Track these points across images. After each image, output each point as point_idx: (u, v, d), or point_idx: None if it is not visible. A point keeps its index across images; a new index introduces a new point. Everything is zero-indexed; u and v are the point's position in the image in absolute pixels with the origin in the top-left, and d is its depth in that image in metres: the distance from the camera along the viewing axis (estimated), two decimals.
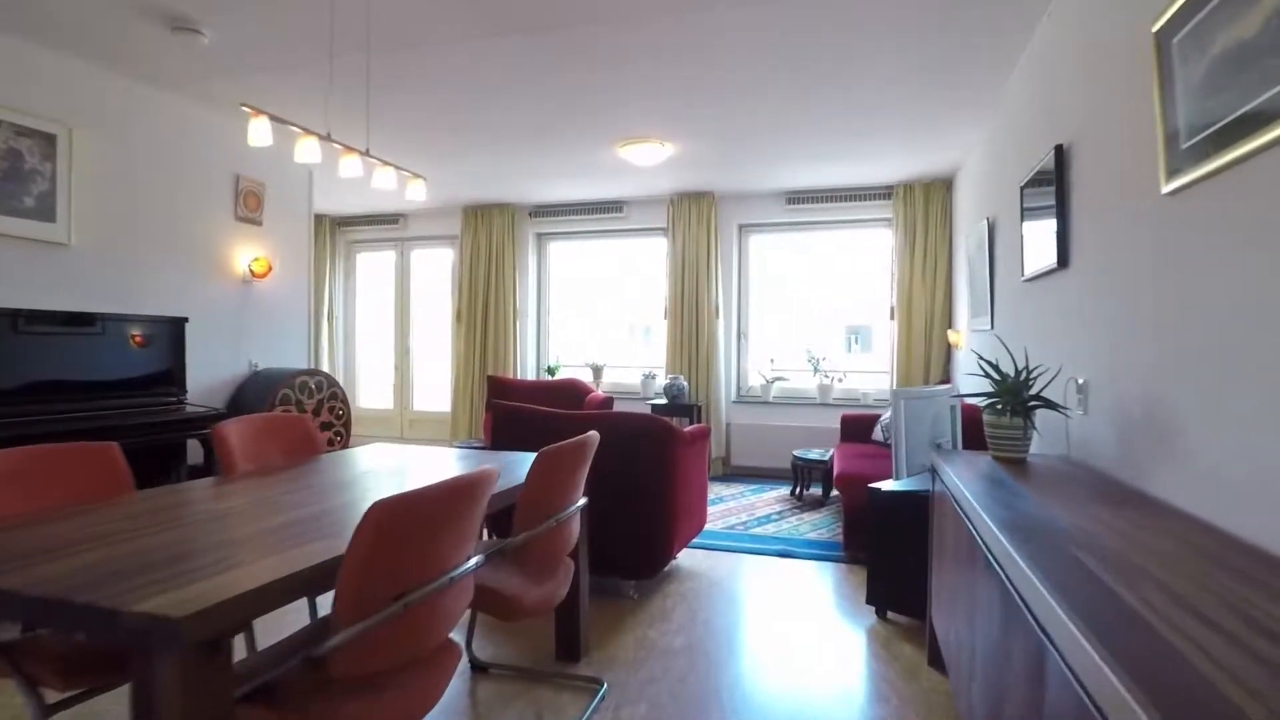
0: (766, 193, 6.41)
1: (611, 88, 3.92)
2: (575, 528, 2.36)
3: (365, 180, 6.20)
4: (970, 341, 4.86)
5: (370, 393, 8.11)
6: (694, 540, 4.19)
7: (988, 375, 2.35)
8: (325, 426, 4.85)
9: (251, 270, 4.60)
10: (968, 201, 5.06)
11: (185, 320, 4.06)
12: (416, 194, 3.65)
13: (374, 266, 8.07)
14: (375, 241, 7.92)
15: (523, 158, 5.40)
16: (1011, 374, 2.32)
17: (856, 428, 5.55)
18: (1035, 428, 2.27)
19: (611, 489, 3.31)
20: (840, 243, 6.60)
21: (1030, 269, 3.07)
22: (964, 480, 1.96)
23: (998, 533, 1.39)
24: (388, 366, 7.98)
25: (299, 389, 4.62)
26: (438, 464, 2.57)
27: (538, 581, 2.15)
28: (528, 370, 7.25)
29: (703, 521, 3.95)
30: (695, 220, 6.45)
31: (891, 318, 6.03)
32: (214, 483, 2.11)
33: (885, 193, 6.07)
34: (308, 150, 2.98)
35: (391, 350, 7.96)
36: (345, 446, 5.08)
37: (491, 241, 7.08)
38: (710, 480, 6.22)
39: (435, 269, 7.74)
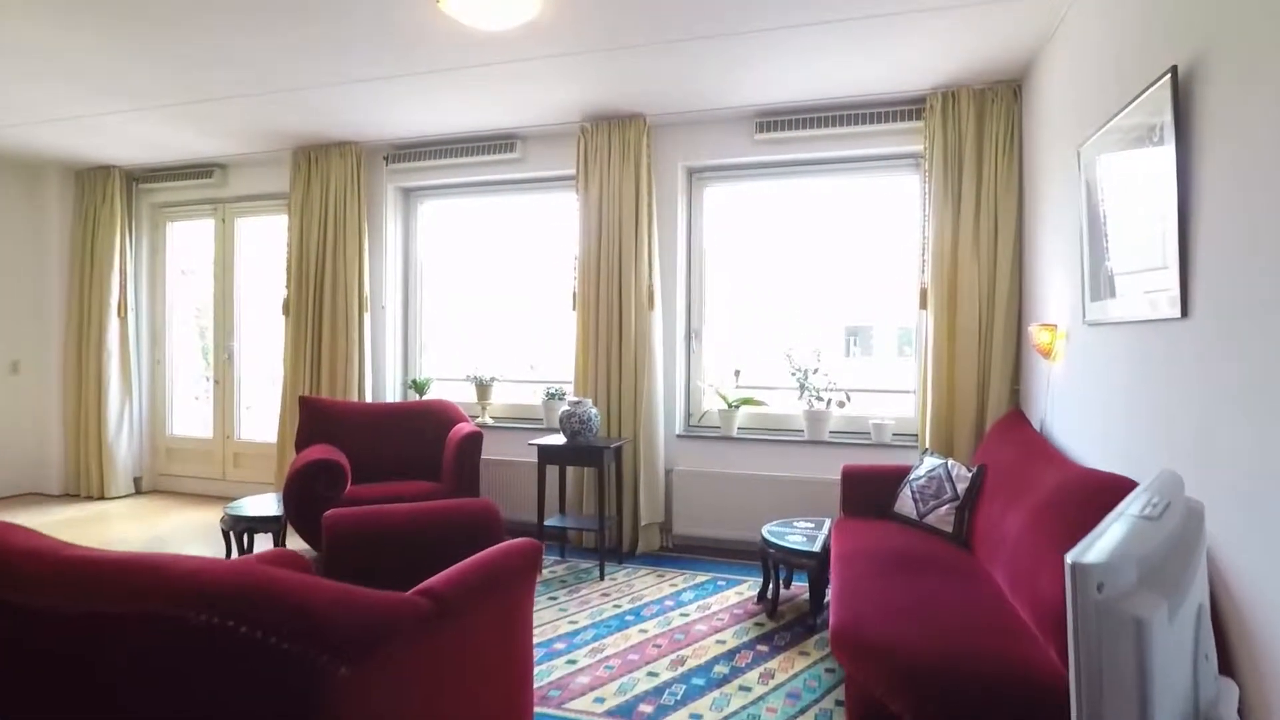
0: (726, 113, 4.15)
1: None
2: None
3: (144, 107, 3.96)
4: (1083, 345, 2.61)
5: (188, 416, 5.85)
6: None
7: None
8: None
9: None
10: (1068, 98, 2.81)
11: None
12: None
13: (191, 240, 5.80)
14: (187, 205, 5.65)
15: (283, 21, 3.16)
16: None
17: (867, 489, 3.31)
18: None
19: None
20: (841, 195, 4.35)
21: None
22: None
23: None
24: (208, 379, 5.71)
25: None
26: None
27: None
28: (385, 387, 4.98)
29: None
30: (618, 159, 4.20)
31: (922, 306, 3.77)
32: None
33: (912, 108, 3.81)
34: None
35: (212, 356, 5.70)
36: None
37: (330, 199, 4.82)
38: (634, 562, 3.95)
39: (268, 242, 5.47)
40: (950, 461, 3.06)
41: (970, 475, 2.92)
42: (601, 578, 3.68)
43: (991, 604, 2.13)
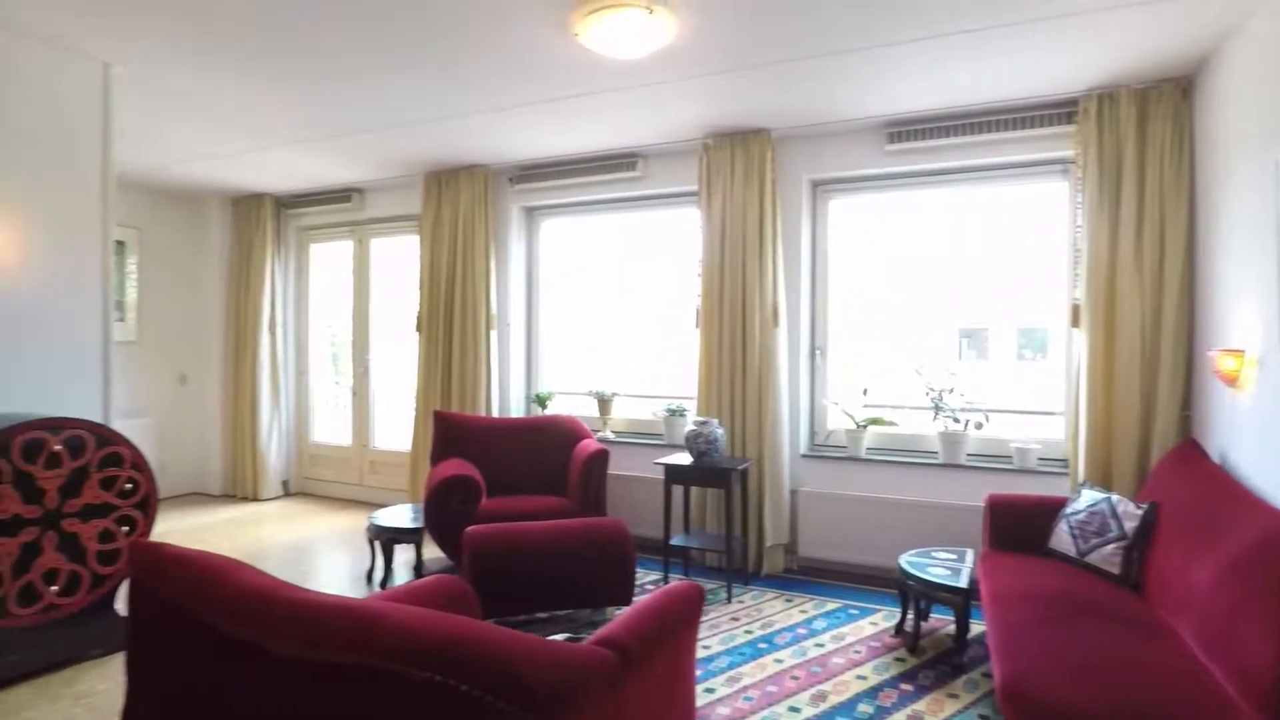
0: (854, 125, 4.03)
1: None
2: None
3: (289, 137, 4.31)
4: (1273, 373, 2.35)
5: (328, 424, 6.26)
6: None
7: None
8: (98, 512, 2.91)
9: None
10: (1264, 97, 2.54)
11: None
12: None
13: (330, 260, 6.21)
14: (329, 228, 6.05)
15: (436, 65, 3.31)
16: None
17: (1015, 521, 3.13)
18: None
19: None
20: (976, 203, 4.14)
21: None
22: None
23: None
24: (348, 390, 6.10)
25: (23, 454, 2.69)
26: None
27: None
28: (511, 401, 5.15)
29: None
30: (741, 174, 4.16)
31: (1074, 324, 3.52)
32: None
33: (1062, 111, 3.57)
34: None
35: (351, 369, 6.07)
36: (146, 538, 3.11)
37: (459, 220, 5.03)
38: (760, 584, 3.90)
39: (402, 261, 5.77)
40: (1114, 496, 2.83)
41: (1140, 513, 2.69)
42: (729, 600, 3.65)
43: (1182, 664, 1.95)
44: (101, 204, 3.27)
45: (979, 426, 3.89)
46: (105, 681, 2.74)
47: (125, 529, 3.03)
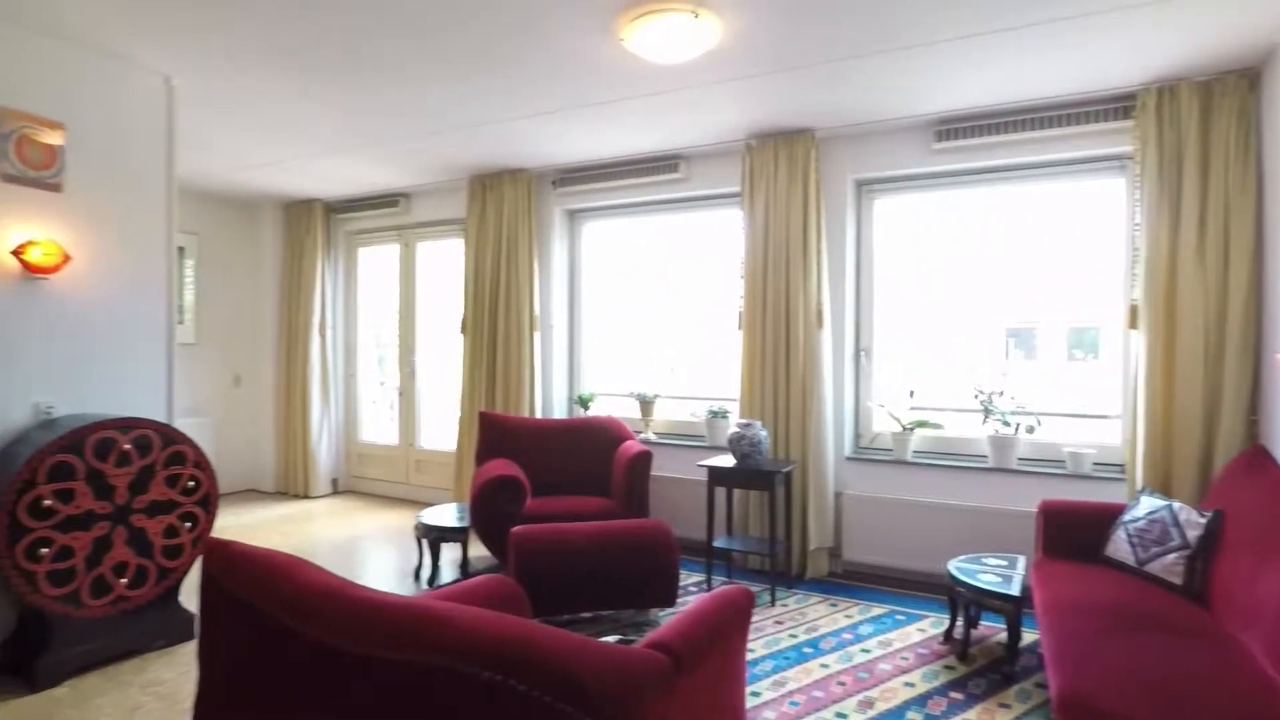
0: (901, 123, 3.97)
1: None
2: None
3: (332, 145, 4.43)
4: None
5: (375, 424, 6.40)
6: None
7: None
8: (163, 508, 3.03)
9: (25, 260, 2.84)
10: None
11: None
12: None
13: (379, 263, 6.35)
14: (376, 232, 6.19)
15: (481, 74, 3.36)
16: None
17: (1070, 528, 3.06)
18: None
19: None
20: (1026, 201, 4.05)
21: None
22: None
23: None
24: (394, 390, 6.22)
25: (95, 452, 2.81)
26: None
27: None
28: (553, 402, 5.20)
29: None
30: (785, 175, 4.13)
31: (1131, 325, 3.41)
32: None
33: (1119, 106, 3.46)
34: None
35: (397, 370, 6.20)
36: (204, 535, 3.23)
37: (503, 223, 5.10)
38: (804, 588, 3.87)
39: (447, 264, 5.87)
40: (1176, 504, 2.74)
41: (1204, 521, 2.60)
42: (773, 603, 3.63)
43: (1250, 678, 1.88)
44: (166, 212, 3.40)
45: (1030, 430, 3.80)
46: (171, 671, 2.86)
47: (188, 525, 3.15)
